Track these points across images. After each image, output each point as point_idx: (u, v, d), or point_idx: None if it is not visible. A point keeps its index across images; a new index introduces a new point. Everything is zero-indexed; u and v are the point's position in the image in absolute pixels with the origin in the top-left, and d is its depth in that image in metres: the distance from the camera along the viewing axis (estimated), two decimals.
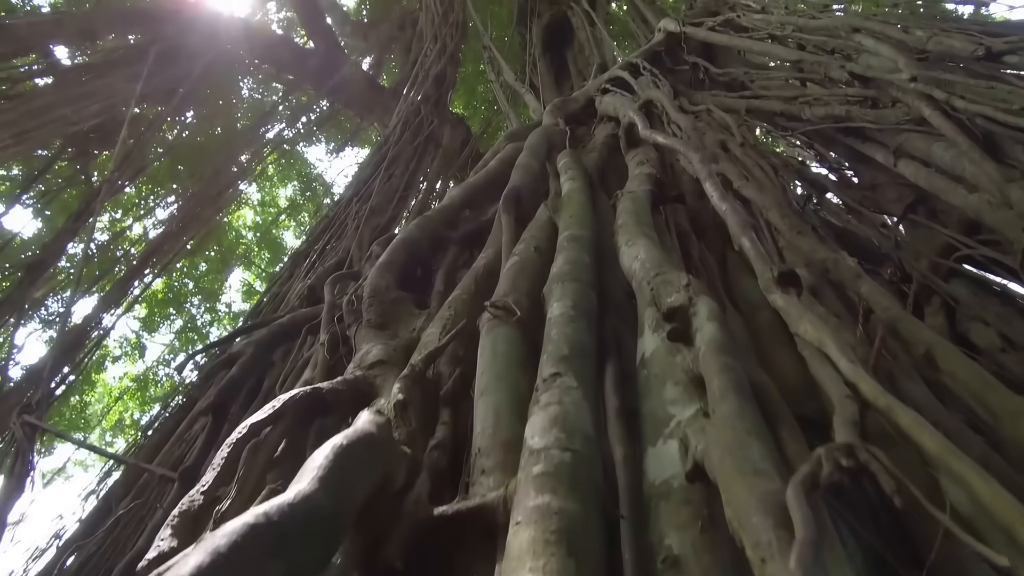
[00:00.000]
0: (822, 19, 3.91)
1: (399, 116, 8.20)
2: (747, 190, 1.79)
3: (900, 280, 3.44)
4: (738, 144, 2.73)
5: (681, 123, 2.62)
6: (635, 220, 1.75)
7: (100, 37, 10.24)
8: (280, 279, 6.66)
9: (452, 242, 3.05)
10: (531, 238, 1.86)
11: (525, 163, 2.92)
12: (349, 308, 2.62)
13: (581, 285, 1.43)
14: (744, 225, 1.39)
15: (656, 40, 5.34)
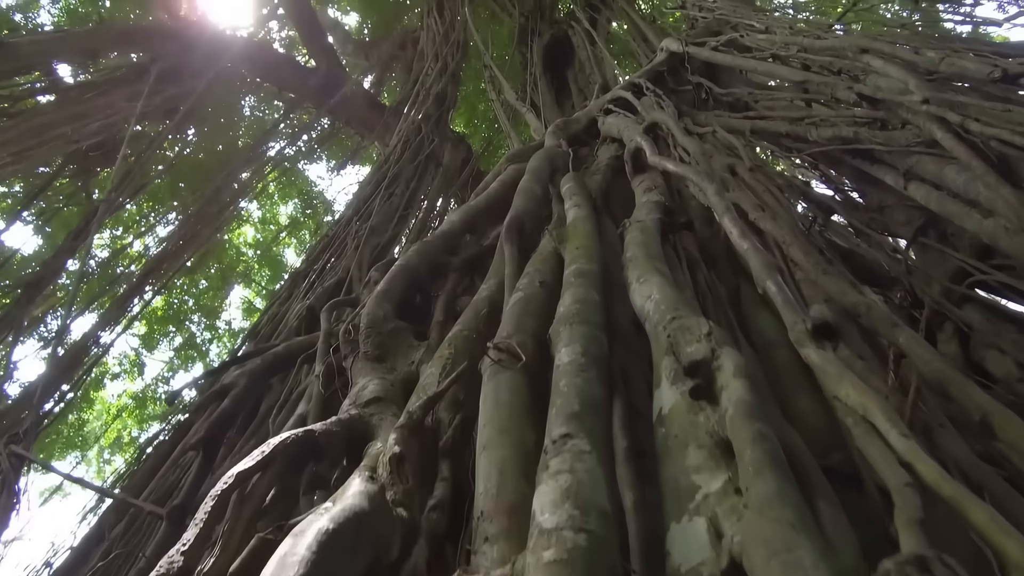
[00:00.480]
0: (828, 39, 3.83)
1: (400, 135, 8.13)
2: (764, 222, 1.69)
3: (911, 305, 3.33)
4: (747, 168, 2.63)
5: (688, 147, 2.52)
6: (645, 253, 1.64)
7: (102, 56, 10.20)
8: (279, 299, 6.55)
9: (452, 268, 2.95)
10: (535, 271, 1.76)
11: (527, 187, 2.82)
12: (346, 338, 2.51)
13: (591, 328, 1.32)
14: (768, 267, 1.29)
15: (658, 60, 5.26)
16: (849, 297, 1.41)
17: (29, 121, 8.73)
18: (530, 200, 2.72)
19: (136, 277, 9.96)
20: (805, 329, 1.10)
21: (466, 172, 8.68)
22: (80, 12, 11.98)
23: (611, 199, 3.53)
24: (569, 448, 0.98)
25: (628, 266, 1.63)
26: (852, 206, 4.27)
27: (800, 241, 1.58)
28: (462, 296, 3.02)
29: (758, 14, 5.60)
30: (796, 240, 1.60)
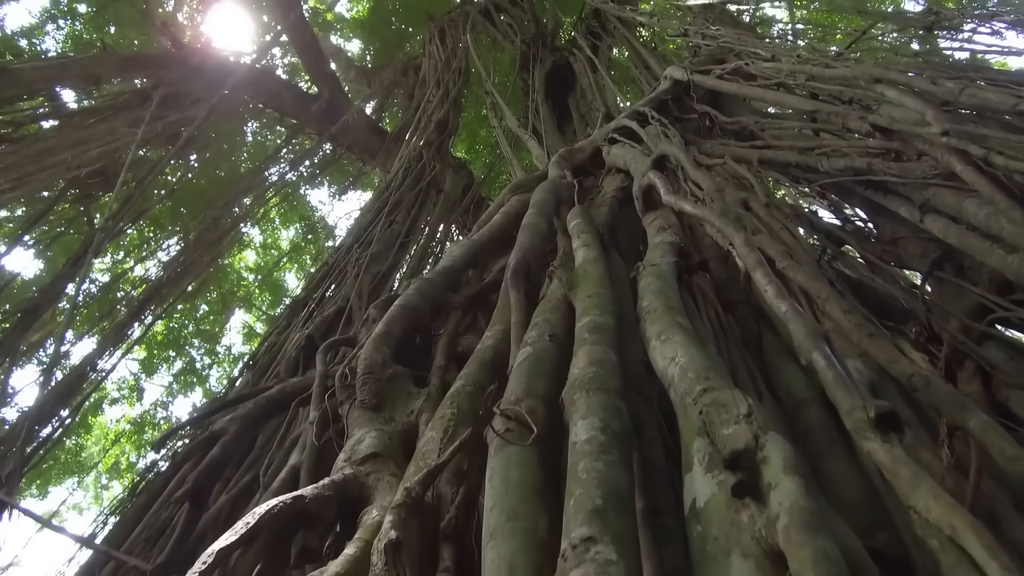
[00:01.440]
0: (837, 68, 3.71)
1: (401, 162, 8.04)
2: (794, 272, 1.55)
3: (927, 340, 3.19)
4: (762, 203, 2.50)
5: (701, 182, 2.40)
6: (664, 303, 1.50)
7: (105, 82, 10.15)
8: (278, 328, 6.41)
9: (454, 306, 2.80)
10: (544, 322, 1.61)
11: (532, 223, 2.69)
12: (342, 382, 2.36)
13: (610, 397, 1.18)
14: (814, 335, 1.14)
15: (662, 88, 5.15)
16: (901, 366, 1.27)
17: (30, 147, 8.64)
18: (535, 236, 2.58)
19: (136, 302, 9.82)
20: (867, 418, 0.95)
21: (468, 199, 8.57)
22: (84, 38, 11.96)
23: (618, 232, 3.40)
24: (592, 557, 0.83)
25: (646, 319, 1.48)
26: (863, 237, 4.14)
27: (837, 296, 1.44)
28: (465, 335, 2.88)
29: (763, 42, 5.51)
30: (832, 295, 1.46)
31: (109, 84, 10.43)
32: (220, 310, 12.94)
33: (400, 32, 11.97)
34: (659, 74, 8.14)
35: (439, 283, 2.75)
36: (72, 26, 12.31)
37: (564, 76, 9.37)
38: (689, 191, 2.70)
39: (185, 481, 2.41)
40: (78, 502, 14.11)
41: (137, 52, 10.44)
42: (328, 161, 11.17)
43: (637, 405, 1.76)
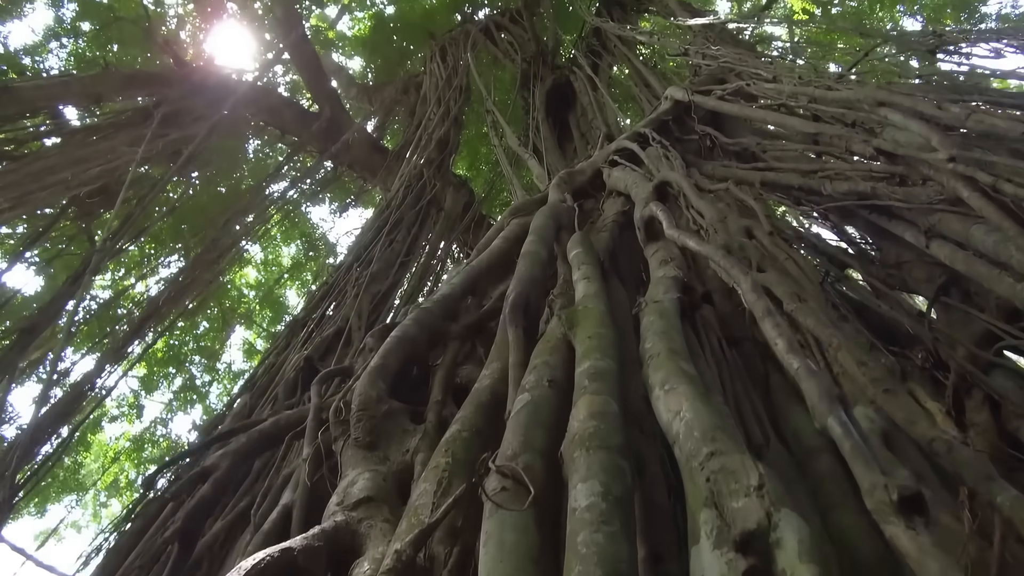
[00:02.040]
0: (840, 91, 3.66)
1: (402, 180, 8.00)
2: (804, 316, 1.47)
3: (933, 367, 3.13)
4: (766, 232, 2.44)
5: (703, 211, 2.34)
6: (667, 347, 1.44)
7: (107, 100, 10.13)
8: (276, 349, 6.34)
9: (452, 336, 2.74)
10: (543, 364, 1.54)
11: (532, 251, 2.63)
12: (336, 417, 2.29)
13: (611, 456, 1.11)
14: (830, 399, 1.07)
15: (663, 109, 5.11)
16: (921, 428, 1.19)
17: (31, 164, 8.60)
18: (535, 266, 2.52)
19: (136, 320, 9.75)
20: (889, 500, 0.88)
21: (468, 217, 8.52)
22: (87, 56, 11.96)
23: (619, 257, 3.34)
24: None
25: (649, 364, 1.42)
26: (867, 260, 4.08)
27: (850, 344, 1.37)
28: (463, 364, 2.81)
29: (764, 62, 5.47)
30: (844, 343, 1.39)
31: (111, 102, 10.42)
32: (220, 327, 12.87)
33: (401, 50, 11.98)
34: (659, 92, 8.10)
35: (437, 312, 2.68)
36: (75, 44, 12.31)
37: (564, 94, 9.34)
38: (691, 219, 2.64)
39: (175, 519, 2.34)
40: (76, 520, 14.01)
41: (139, 70, 10.44)
42: (329, 179, 11.14)
43: (639, 442, 1.69)
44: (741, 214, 2.76)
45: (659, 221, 2.12)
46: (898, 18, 14.30)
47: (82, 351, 12.67)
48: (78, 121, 10.32)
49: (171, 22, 12.28)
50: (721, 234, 2.12)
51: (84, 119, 10.45)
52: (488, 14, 11.76)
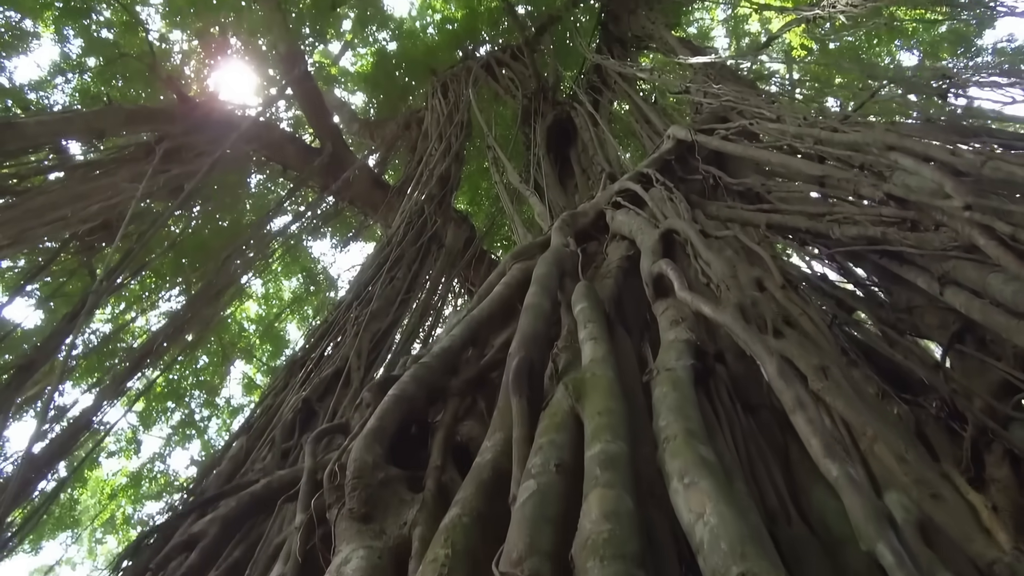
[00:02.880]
0: (847, 133, 3.57)
1: (402, 216, 7.92)
2: (832, 397, 1.35)
3: (948, 416, 3.01)
4: (778, 284, 2.33)
5: (713, 265, 2.23)
6: (684, 427, 1.32)
7: (110, 135, 10.10)
8: (275, 389, 6.21)
9: (452, 392, 2.62)
10: (549, 444, 1.42)
11: (535, 304, 2.52)
12: (331, 483, 2.16)
13: (627, 567, 0.99)
14: (878, 520, 0.94)
15: (665, 148, 5.04)
16: (978, 546, 1.07)
17: (32, 200, 8.54)
18: (538, 319, 2.41)
19: (135, 357, 9.62)
20: None
21: (469, 253, 8.44)
22: (92, 91, 11.98)
23: (624, 304, 3.23)
24: None
25: (665, 448, 1.30)
26: (877, 303, 3.96)
27: (887, 433, 1.25)
28: (464, 419, 2.69)
29: (766, 101, 5.40)
30: (881, 431, 1.27)
31: (114, 137, 10.39)
32: (220, 361, 12.74)
33: (403, 86, 12.01)
34: (660, 128, 8.07)
35: (436, 367, 2.56)
36: (81, 79, 12.34)
37: (565, 130, 9.32)
38: (699, 270, 2.53)
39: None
40: (71, 557, 13.76)
41: (142, 106, 10.44)
42: (331, 213, 11.09)
43: (647, 505, 1.57)
44: (749, 259, 2.66)
45: (669, 279, 2.01)
46: (895, 52, 14.37)
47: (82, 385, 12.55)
48: (81, 155, 10.28)
49: (176, 57, 12.34)
50: (734, 291, 2.01)
51: (88, 153, 10.42)
52: (489, 50, 11.82)
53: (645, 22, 9.74)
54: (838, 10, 6.13)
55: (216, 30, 11.52)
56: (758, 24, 14.25)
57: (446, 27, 12.60)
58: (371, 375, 6.13)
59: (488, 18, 12.25)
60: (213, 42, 11.62)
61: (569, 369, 2.16)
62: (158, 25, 12.16)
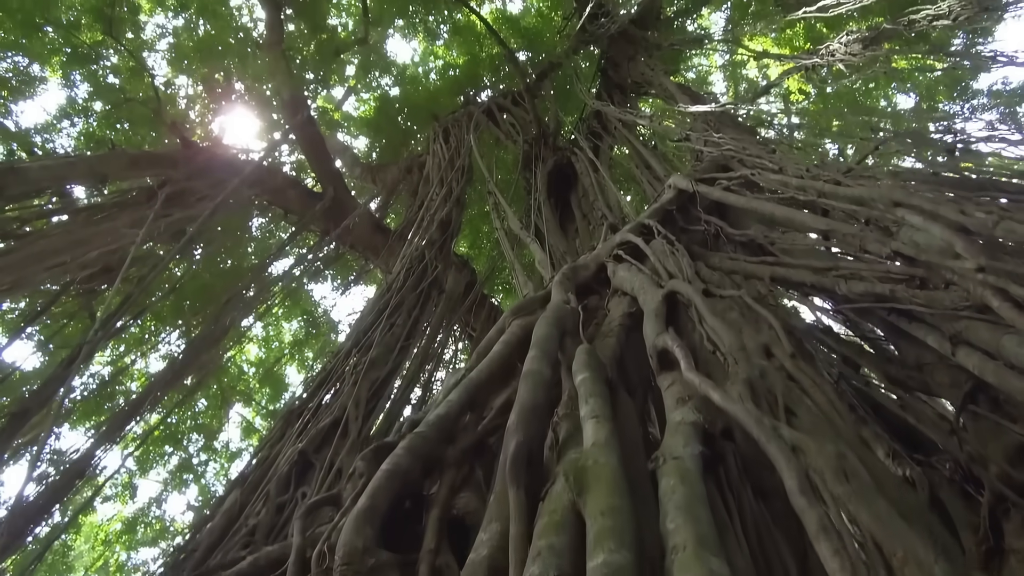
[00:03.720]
0: (852, 187, 3.50)
1: (403, 262, 7.85)
2: (855, 506, 1.23)
3: (963, 479, 2.88)
4: (787, 353, 2.23)
5: (720, 333, 2.14)
6: (695, 534, 1.20)
7: (112, 180, 10.10)
8: (271, 440, 6.07)
9: (449, 462, 2.50)
10: (548, 549, 1.30)
11: (535, 370, 2.41)
12: (319, 567, 2.04)
13: None
14: None
15: (666, 198, 4.98)
16: None
17: (33, 245, 8.49)
18: (538, 388, 2.30)
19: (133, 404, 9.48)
20: None
21: (470, 298, 8.35)
22: (98, 135, 12.04)
23: (626, 364, 3.13)
24: None
25: (674, 559, 1.18)
26: (885, 358, 3.85)
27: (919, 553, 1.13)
28: (461, 490, 2.56)
29: (767, 150, 5.35)
30: (912, 554, 1.15)
31: (117, 181, 10.40)
32: (219, 404, 12.58)
33: (405, 130, 12.05)
34: (661, 174, 8.04)
35: (432, 437, 2.45)
36: (87, 123, 12.41)
37: (566, 175, 9.30)
38: (704, 336, 2.43)
39: None
40: None
41: (145, 151, 10.46)
42: (332, 257, 11.04)
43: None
44: (755, 321, 2.56)
45: (674, 356, 1.91)
46: (892, 96, 14.47)
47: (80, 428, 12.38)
48: (85, 198, 10.27)
49: (181, 102, 12.42)
50: (742, 365, 1.91)
51: (91, 197, 10.41)
52: (490, 96, 11.89)
53: (644, 69, 9.79)
54: (837, 59, 6.14)
55: (221, 75, 11.61)
56: (756, 69, 14.37)
57: (448, 73, 12.70)
58: (369, 424, 6.01)
59: (489, 64, 12.35)
60: (218, 87, 11.71)
61: (570, 442, 2.05)
62: (164, 70, 12.27)
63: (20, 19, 11.00)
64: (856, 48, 5.97)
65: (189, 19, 11.86)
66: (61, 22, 11.43)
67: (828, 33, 12.26)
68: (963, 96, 13.51)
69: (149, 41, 12.27)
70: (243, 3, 12.52)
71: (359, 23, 12.23)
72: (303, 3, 10.83)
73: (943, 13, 5.03)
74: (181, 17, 12.03)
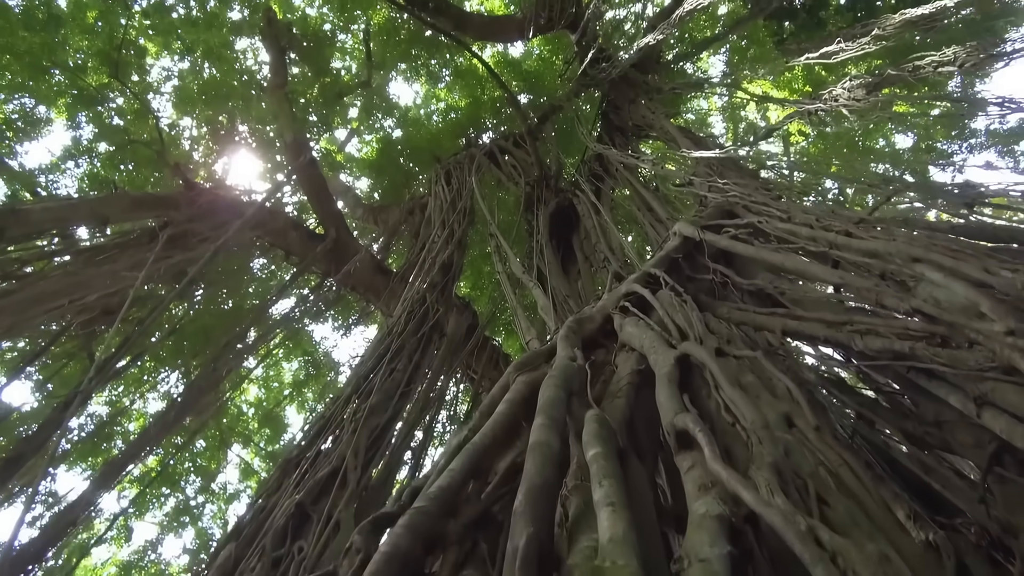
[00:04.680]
0: (866, 240, 3.37)
1: (404, 305, 7.72)
2: None
3: (989, 545, 2.71)
4: (810, 424, 2.08)
5: (742, 408, 1.99)
6: None
7: (114, 222, 10.02)
8: (267, 491, 5.86)
9: (452, 539, 2.32)
10: None
11: (542, 442, 2.25)
12: None
13: None
14: None
15: (672, 246, 4.85)
16: None
17: (32, 287, 8.36)
18: (546, 463, 2.14)
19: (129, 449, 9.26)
20: None
21: (472, 341, 8.19)
22: (102, 176, 12.01)
23: (636, 426, 2.97)
24: None
25: None
26: (901, 413, 3.68)
27: None
28: (464, 566, 2.39)
29: (773, 196, 5.25)
30: None
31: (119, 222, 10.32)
32: (218, 446, 12.35)
33: (407, 171, 12.02)
34: (662, 216, 7.94)
35: (434, 511, 2.27)
36: (91, 164, 12.39)
37: (568, 216, 9.22)
38: (722, 405, 2.29)
39: None
40: None
41: (147, 193, 10.41)
42: (333, 299, 10.92)
43: None
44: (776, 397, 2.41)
45: (696, 441, 1.76)
46: (890, 135, 14.48)
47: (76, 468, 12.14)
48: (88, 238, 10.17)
49: (184, 143, 12.41)
50: (767, 445, 1.76)
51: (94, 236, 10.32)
52: (492, 138, 11.88)
53: (645, 112, 9.77)
54: (840, 103, 6.08)
55: (225, 118, 11.62)
56: (755, 110, 14.40)
57: (450, 115, 12.73)
58: (369, 473, 5.82)
59: (491, 107, 12.38)
60: (222, 129, 11.71)
61: (582, 523, 1.89)
62: (169, 112, 12.29)
63: (28, 62, 11.04)
64: (860, 93, 5.92)
65: (195, 62, 11.91)
66: (68, 65, 11.47)
67: (826, 76, 12.30)
68: (961, 136, 13.51)
69: (155, 84, 12.32)
70: (248, 47, 12.61)
71: (362, 66, 12.28)
72: (307, 47, 10.88)
73: (948, 60, 4.98)
74: (187, 60, 12.09)
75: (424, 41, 11.94)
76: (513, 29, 11.81)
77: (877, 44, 6.12)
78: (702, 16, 12.40)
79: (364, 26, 11.94)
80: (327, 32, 11.36)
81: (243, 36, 11.73)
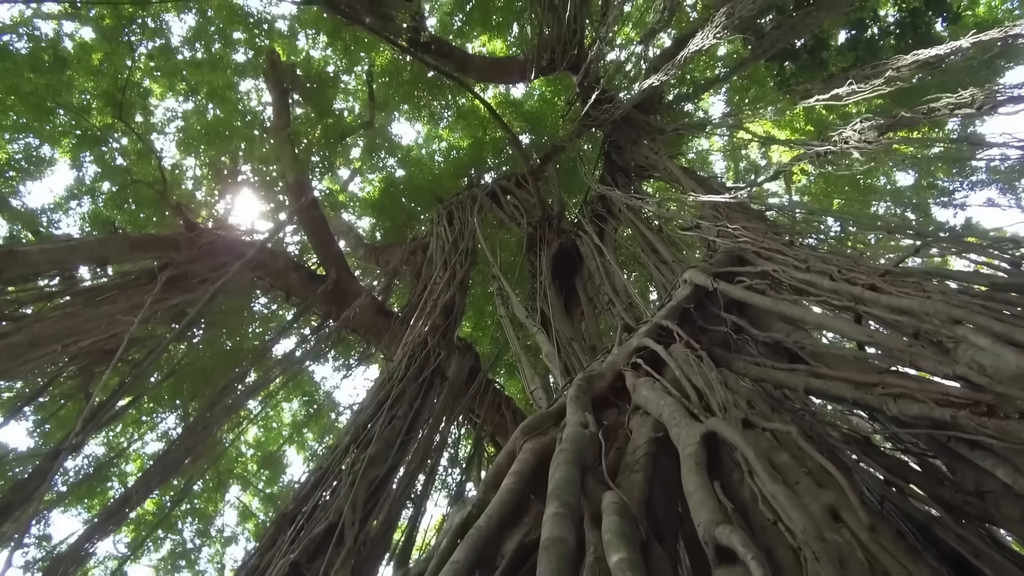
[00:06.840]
0: (900, 298, 3.10)
1: (404, 349, 7.42)
2: None
3: None
4: (866, 526, 1.80)
5: (779, 499, 1.71)
6: None
7: (113, 263, 9.79)
8: (261, 549, 5.51)
9: None
10: None
11: (557, 539, 1.96)
12: None
13: None
14: None
15: (683, 295, 4.58)
16: None
17: (29, 329, 8.08)
18: (562, 563, 1.86)
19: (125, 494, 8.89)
20: None
21: (474, 385, 7.88)
22: (104, 215, 11.82)
23: (655, 503, 2.67)
24: None
25: None
26: (936, 479, 3.37)
27: None
28: None
29: (784, 241, 4.99)
30: None
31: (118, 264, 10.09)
32: (216, 487, 11.95)
33: (410, 211, 11.82)
34: (667, 257, 7.68)
35: None
36: (94, 203, 12.21)
37: (571, 258, 8.96)
38: (759, 494, 1.99)
39: None
40: None
41: (146, 235, 10.19)
42: (333, 340, 10.63)
43: None
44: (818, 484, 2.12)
45: (736, 553, 1.47)
46: (891, 173, 14.32)
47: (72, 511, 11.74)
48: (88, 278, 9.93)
49: (187, 183, 12.24)
50: (823, 561, 1.47)
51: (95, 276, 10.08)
52: (494, 178, 11.70)
53: (648, 152, 9.58)
54: (850, 146, 5.87)
55: (227, 158, 11.46)
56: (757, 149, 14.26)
57: (452, 155, 12.57)
58: (367, 529, 5.49)
59: (493, 147, 12.22)
60: (224, 169, 11.54)
61: None
62: (172, 152, 12.14)
63: (33, 102, 10.92)
64: (872, 135, 5.71)
65: (198, 103, 11.80)
66: (72, 106, 11.34)
67: (827, 115, 12.16)
68: (962, 173, 13.33)
69: (159, 124, 12.19)
70: (252, 88, 12.50)
71: (365, 107, 12.16)
72: (310, 88, 10.75)
73: (966, 102, 4.78)
74: (191, 101, 11.98)
75: (427, 82, 11.82)
76: (515, 71, 11.70)
77: (892, 85, 5.94)
78: (702, 57, 12.30)
79: (367, 68, 11.84)
80: (330, 74, 11.24)
81: (247, 78, 11.64)
